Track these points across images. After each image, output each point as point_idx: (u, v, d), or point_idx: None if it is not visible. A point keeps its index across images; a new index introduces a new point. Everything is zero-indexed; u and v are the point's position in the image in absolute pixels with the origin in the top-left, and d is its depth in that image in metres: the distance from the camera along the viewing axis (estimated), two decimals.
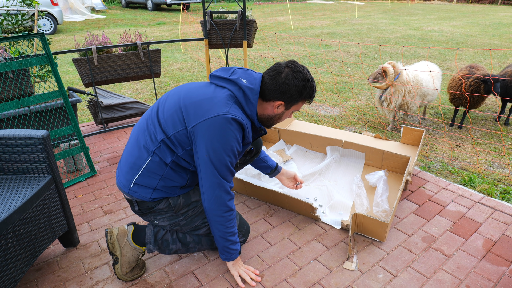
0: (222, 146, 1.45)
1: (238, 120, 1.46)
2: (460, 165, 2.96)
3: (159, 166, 1.54)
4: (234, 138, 1.47)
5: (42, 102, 2.47)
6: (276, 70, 1.55)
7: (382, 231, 1.95)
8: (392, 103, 3.52)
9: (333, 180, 2.56)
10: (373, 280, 1.75)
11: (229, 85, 1.52)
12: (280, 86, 1.53)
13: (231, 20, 2.85)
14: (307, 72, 1.58)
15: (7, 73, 2.27)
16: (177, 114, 1.49)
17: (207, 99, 1.47)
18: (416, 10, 17.14)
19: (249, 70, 1.60)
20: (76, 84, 5.59)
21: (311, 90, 1.58)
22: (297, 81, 1.53)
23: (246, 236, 1.90)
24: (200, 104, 1.46)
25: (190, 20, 11.94)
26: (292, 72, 1.54)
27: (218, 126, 1.42)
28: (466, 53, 7.47)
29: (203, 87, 1.54)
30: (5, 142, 1.63)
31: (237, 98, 1.51)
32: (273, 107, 1.59)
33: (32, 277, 1.78)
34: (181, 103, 1.50)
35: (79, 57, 2.75)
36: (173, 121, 1.49)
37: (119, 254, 1.71)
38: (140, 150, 1.55)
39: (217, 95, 1.48)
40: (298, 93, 1.55)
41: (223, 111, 1.44)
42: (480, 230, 2.09)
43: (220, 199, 1.53)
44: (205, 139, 1.44)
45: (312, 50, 8.01)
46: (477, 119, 4.04)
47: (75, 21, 12.72)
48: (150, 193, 1.58)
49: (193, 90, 1.54)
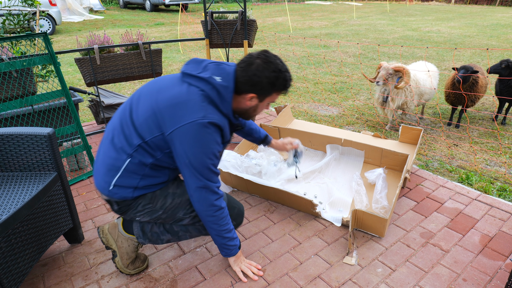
0: (202, 151, 1.42)
1: (215, 123, 1.43)
2: (457, 164, 3.00)
3: (139, 167, 1.49)
4: (213, 141, 1.45)
5: (45, 101, 2.49)
6: (247, 61, 1.49)
7: (381, 227, 1.98)
8: (396, 103, 3.54)
9: (333, 178, 2.60)
10: (372, 274, 1.79)
11: (202, 84, 1.45)
12: (250, 78, 1.47)
13: (232, 20, 2.89)
14: (280, 62, 1.50)
15: (11, 72, 2.29)
16: (152, 119, 1.43)
17: (181, 102, 1.41)
18: (414, 11, 17.23)
19: (222, 64, 1.52)
20: (76, 83, 5.61)
21: (284, 81, 1.52)
22: (268, 72, 1.47)
23: (239, 220, 1.82)
24: (175, 109, 1.41)
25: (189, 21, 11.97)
26: (263, 63, 1.47)
27: (196, 132, 1.39)
28: (463, 54, 7.53)
29: (176, 87, 1.46)
30: (11, 139, 1.66)
31: (211, 98, 1.45)
32: (246, 100, 1.54)
33: (38, 272, 1.81)
34: (155, 107, 1.43)
35: (81, 56, 2.78)
36: (148, 126, 1.44)
37: (115, 246, 1.73)
38: (118, 152, 1.49)
39: (191, 98, 1.42)
40: (270, 85, 1.49)
41: (199, 115, 1.39)
42: (477, 226, 2.13)
43: (207, 200, 1.51)
44: (183, 145, 1.41)
45: (311, 51, 8.06)
46: (474, 118, 4.09)
47: (73, 22, 12.72)
48: (132, 192, 1.53)
49: (166, 91, 1.46)
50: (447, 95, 3.78)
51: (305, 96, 4.93)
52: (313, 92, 5.09)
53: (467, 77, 3.49)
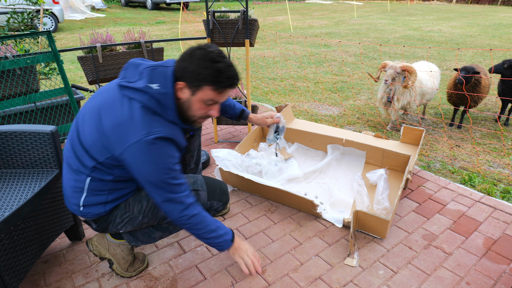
0: (155, 168, 1.35)
1: (162, 137, 1.34)
2: (460, 165, 3.00)
3: (102, 184, 1.46)
4: (164, 156, 1.37)
5: (48, 99, 2.49)
6: (188, 52, 1.39)
7: (383, 228, 1.98)
8: (400, 103, 3.53)
9: (334, 178, 2.60)
10: (374, 276, 1.79)
11: (140, 95, 1.35)
12: (182, 66, 1.38)
13: (234, 19, 2.88)
14: (218, 55, 1.37)
15: (14, 70, 2.29)
16: (100, 140, 1.37)
17: (124, 121, 1.33)
18: (415, 10, 17.20)
19: (159, 68, 1.41)
20: (78, 81, 5.61)
21: (215, 72, 1.35)
22: (200, 61, 1.35)
23: (224, 198, 1.76)
24: (120, 129, 1.33)
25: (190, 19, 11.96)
26: (201, 53, 1.36)
27: (143, 151, 1.32)
28: (465, 54, 7.52)
29: (117, 103, 1.37)
30: (15, 136, 1.66)
31: (152, 109, 1.36)
32: (178, 90, 1.41)
33: (39, 269, 1.81)
34: (100, 129, 1.37)
35: (84, 54, 2.78)
36: (98, 148, 1.39)
37: (109, 255, 1.73)
38: (76, 173, 1.46)
39: (133, 114, 1.33)
40: (197, 74, 1.36)
41: (143, 133, 1.31)
42: (480, 229, 2.12)
43: (175, 212, 1.45)
44: (136, 165, 1.35)
45: (311, 50, 8.05)
46: (477, 119, 4.08)
47: (76, 20, 12.72)
48: (103, 207, 1.50)
49: (108, 109, 1.38)
50: (449, 95, 3.78)
51: (306, 95, 4.92)
52: (313, 92, 5.09)
53: (469, 78, 3.48)
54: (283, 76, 5.91)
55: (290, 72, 6.16)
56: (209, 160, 2.86)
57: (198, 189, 1.67)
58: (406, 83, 3.37)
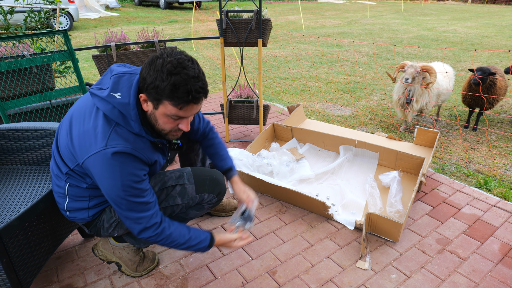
0: (113, 184, 1.28)
1: (119, 151, 1.26)
2: (475, 168, 2.94)
3: (80, 190, 1.45)
4: (124, 172, 1.28)
5: (63, 97, 2.53)
6: (150, 60, 1.25)
7: (396, 231, 1.95)
8: (419, 105, 3.47)
9: (345, 180, 2.57)
10: (386, 280, 1.76)
11: (103, 104, 1.28)
12: (141, 75, 1.27)
13: (247, 19, 2.88)
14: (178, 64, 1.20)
15: (31, 68, 2.33)
16: (68, 148, 1.35)
17: (88, 130, 1.29)
18: (429, 10, 16.94)
19: (125, 76, 1.32)
20: (92, 79, 5.68)
21: (171, 87, 1.20)
22: (156, 72, 1.21)
23: (216, 190, 1.63)
24: (83, 138, 1.29)
25: (202, 19, 12.00)
26: (162, 62, 1.21)
27: (101, 164, 1.26)
28: (481, 55, 7.38)
29: (88, 111, 1.34)
30: (31, 134, 1.68)
31: (115, 121, 1.29)
32: (142, 102, 1.31)
33: (52, 265, 1.83)
34: (69, 135, 1.35)
35: (98, 53, 2.81)
36: (68, 155, 1.37)
37: (116, 258, 1.74)
38: (57, 179, 1.46)
39: (97, 123, 1.29)
40: (154, 86, 1.22)
41: (101, 145, 1.25)
42: (496, 234, 2.08)
43: (135, 230, 1.39)
44: (96, 176, 1.31)
45: (324, 50, 7.99)
46: (493, 121, 3.99)
47: (90, 19, 12.89)
48: (87, 212, 1.50)
49: (79, 116, 1.35)
50: (464, 97, 3.71)
51: (318, 95, 4.89)
52: (325, 92, 5.05)
53: (484, 79, 3.41)
54: (295, 76, 5.88)
55: (302, 72, 6.13)
56: None
57: (184, 183, 1.56)
58: (426, 84, 3.30)
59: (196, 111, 1.33)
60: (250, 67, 6.40)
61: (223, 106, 3.26)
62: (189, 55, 1.28)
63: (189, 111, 1.29)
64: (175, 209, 1.56)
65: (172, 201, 1.54)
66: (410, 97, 3.43)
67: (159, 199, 1.52)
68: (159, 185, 1.52)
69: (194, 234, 1.51)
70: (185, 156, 1.97)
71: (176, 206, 1.55)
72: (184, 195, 1.55)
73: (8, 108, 2.22)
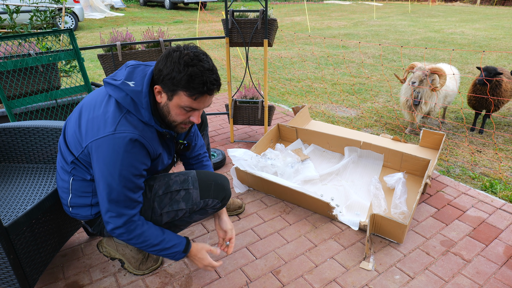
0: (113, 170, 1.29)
1: (127, 137, 1.27)
2: (481, 171, 2.92)
3: (84, 184, 1.45)
4: (128, 161, 1.29)
5: (68, 96, 2.55)
6: (166, 54, 1.30)
7: (400, 232, 1.94)
8: (427, 107, 3.44)
9: (350, 181, 2.57)
10: (390, 281, 1.76)
11: (117, 92, 1.32)
12: (159, 69, 1.30)
13: (253, 19, 2.88)
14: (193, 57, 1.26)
15: (37, 67, 2.35)
16: (75, 134, 1.37)
17: (98, 116, 1.31)
18: (436, 11, 16.85)
19: (140, 66, 1.37)
20: (97, 79, 5.72)
21: (188, 77, 1.25)
22: (174, 64, 1.25)
23: (221, 196, 1.60)
24: (92, 123, 1.32)
25: (207, 19, 12.04)
26: (178, 55, 1.26)
27: (104, 149, 1.27)
28: (489, 57, 7.32)
29: (100, 99, 1.37)
30: (37, 132, 1.70)
31: (126, 108, 1.32)
32: (156, 94, 1.35)
33: (58, 262, 1.85)
34: (78, 123, 1.37)
35: (104, 53, 2.83)
36: (74, 142, 1.38)
37: (119, 255, 1.75)
38: (62, 173, 1.47)
39: (108, 109, 1.31)
40: (171, 78, 1.26)
41: (110, 130, 1.27)
42: (501, 237, 2.06)
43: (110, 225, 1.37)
44: (96, 160, 1.31)
45: (329, 51, 7.98)
46: (499, 124, 3.96)
47: (95, 19, 12.99)
48: (89, 210, 1.50)
49: (90, 105, 1.38)
50: (469, 99, 3.68)
51: (323, 96, 4.89)
52: (331, 93, 5.04)
53: (490, 79, 3.37)
54: (300, 77, 5.88)
55: (307, 73, 6.13)
56: (225, 160, 2.87)
57: (189, 188, 1.54)
58: (434, 86, 3.27)
59: (209, 104, 1.37)
60: (255, 68, 6.41)
61: (228, 106, 3.27)
62: (203, 50, 1.32)
63: (202, 103, 1.33)
64: (179, 213, 1.54)
65: (176, 206, 1.52)
66: (418, 99, 3.40)
67: (162, 203, 1.50)
68: (163, 188, 1.51)
69: (168, 236, 1.47)
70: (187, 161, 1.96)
71: (180, 211, 1.53)
72: (188, 200, 1.53)
73: (14, 107, 2.24)
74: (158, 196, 1.50)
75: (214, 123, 3.69)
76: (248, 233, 2.09)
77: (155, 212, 1.50)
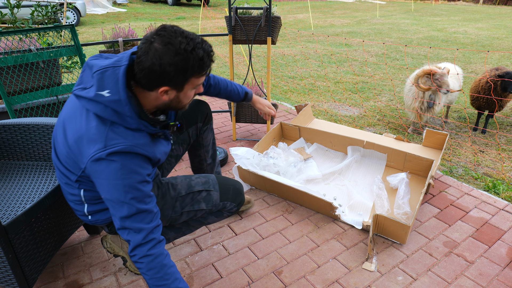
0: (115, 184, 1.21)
1: (119, 150, 1.19)
2: (483, 171, 2.89)
3: (97, 193, 1.38)
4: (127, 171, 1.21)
5: (70, 92, 2.53)
6: (143, 48, 1.17)
7: (403, 233, 1.93)
8: (439, 108, 3.43)
9: (353, 180, 2.55)
10: (392, 282, 1.74)
11: (93, 106, 1.21)
12: (151, 70, 1.17)
13: (256, 16, 2.85)
14: (183, 39, 1.17)
15: (38, 63, 2.33)
16: (69, 156, 1.29)
17: (82, 135, 1.22)
18: (439, 10, 16.76)
19: (108, 70, 1.21)
20: None
21: (198, 61, 1.20)
22: (171, 58, 1.15)
23: (238, 199, 1.63)
24: (80, 142, 1.23)
25: (210, 16, 11.99)
26: (162, 47, 1.15)
27: (100, 168, 1.20)
28: (492, 56, 7.28)
29: (78, 113, 1.26)
30: (37, 129, 1.68)
31: (110, 120, 1.22)
32: (160, 95, 1.25)
33: (58, 261, 1.84)
34: (66, 144, 1.29)
35: (106, 49, 2.81)
36: (70, 164, 1.31)
37: (123, 252, 1.73)
38: (69, 188, 1.40)
39: (89, 126, 1.21)
40: (180, 71, 1.19)
41: (99, 147, 1.18)
42: (504, 238, 2.05)
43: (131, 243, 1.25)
44: (96, 180, 1.24)
45: (332, 49, 7.94)
46: (502, 124, 3.94)
47: (97, 14, 12.94)
48: (109, 212, 1.44)
49: (71, 121, 1.28)
50: (475, 99, 3.63)
51: (326, 95, 4.86)
52: (333, 92, 5.02)
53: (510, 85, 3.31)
54: (303, 75, 5.85)
55: (310, 71, 6.10)
56: (227, 158, 2.85)
57: (210, 190, 1.60)
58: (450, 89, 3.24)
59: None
60: (258, 66, 6.38)
61: (230, 104, 3.25)
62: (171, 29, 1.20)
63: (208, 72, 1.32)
64: (198, 213, 1.59)
65: (197, 206, 1.58)
66: (433, 101, 3.37)
67: (184, 202, 1.54)
68: (185, 189, 1.57)
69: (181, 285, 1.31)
70: (195, 153, 1.99)
71: (199, 211, 1.58)
72: (208, 201, 1.59)
73: (14, 103, 2.22)
74: (181, 196, 1.56)
75: (217, 121, 3.66)
76: (250, 232, 2.08)
77: (175, 211, 1.55)
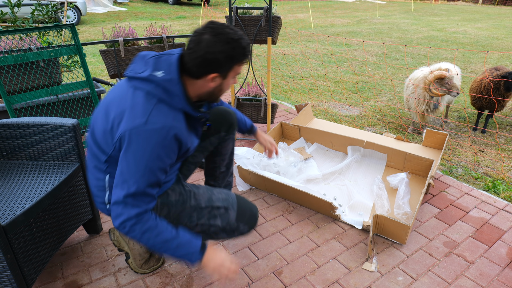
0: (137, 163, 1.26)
1: (159, 128, 1.26)
2: (483, 171, 2.89)
3: None
4: (154, 154, 1.26)
5: (70, 91, 2.52)
6: (195, 41, 1.31)
7: (404, 233, 1.93)
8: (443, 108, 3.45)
9: (353, 180, 2.55)
10: (393, 282, 1.74)
11: (145, 84, 1.32)
12: (204, 58, 1.30)
13: (256, 16, 2.85)
14: (230, 30, 1.33)
15: (38, 62, 2.33)
16: (106, 131, 1.35)
17: (126, 109, 1.30)
18: (439, 10, 16.76)
19: (163, 56, 1.36)
20: (99, 74, 5.69)
21: (242, 50, 1.35)
22: (221, 46, 1.30)
23: (251, 223, 1.64)
24: (121, 116, 1.30)
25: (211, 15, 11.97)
26: (213, 37, 1.30)
27: (136, 139, 1.25)
28: (491, 56, 7.27)
29: (124, 94, 1.35)
30: (37, 129, 1.68)
31: (159, 97, 1.31)
32: (208, 82, 1.37)
33: (57, 261, 1.83)
34: (106, 120, 1.35)
35: (106, 48, 2.80)
36: (105, 140, 1.36)
37: (127, 248, 1.73)
38: (96, 172, 1.44)
39: (136, 102, 1.30)
40: (228, 58, 1.33)
41: (142, 120, 1.26)
42: (504, 238, 2.04)
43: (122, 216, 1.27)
44: (125, 152, 1.27)
45: (332, 49, 7.94)
46: (502, 124, 3.94)
47: (98, 13, 12.91)
48: None
49: (115, 101, 1.36)
50: (476, 99, 3.63)
51: (326, 94, 4.85)
52: (334, 91, 5.01)
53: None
54: (303, 75, 5.84)
55: (310, 71, 6.09)
56: None
57: (228, 207, 1.58)
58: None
59: None
60: (258, 65, 6.37)
61: (230, 103, 3.25)
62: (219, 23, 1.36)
63: None
64: (211, 228, 1.55)
65: (213, 221, 1.55)
66: (438, 103, 3.37)
67: (201, 214, 1.53)
68: (206, 201, 1.56)
69: (183, 232, 1.37)
70: (211, 159, 1.94)
71: (213, 226, 1.55)
72: (224, 218, 1.57)
73: (14, 102, 2.22)
74: (200, 207, 1.54)
75: None
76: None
77: (191, 221, 1.52)
